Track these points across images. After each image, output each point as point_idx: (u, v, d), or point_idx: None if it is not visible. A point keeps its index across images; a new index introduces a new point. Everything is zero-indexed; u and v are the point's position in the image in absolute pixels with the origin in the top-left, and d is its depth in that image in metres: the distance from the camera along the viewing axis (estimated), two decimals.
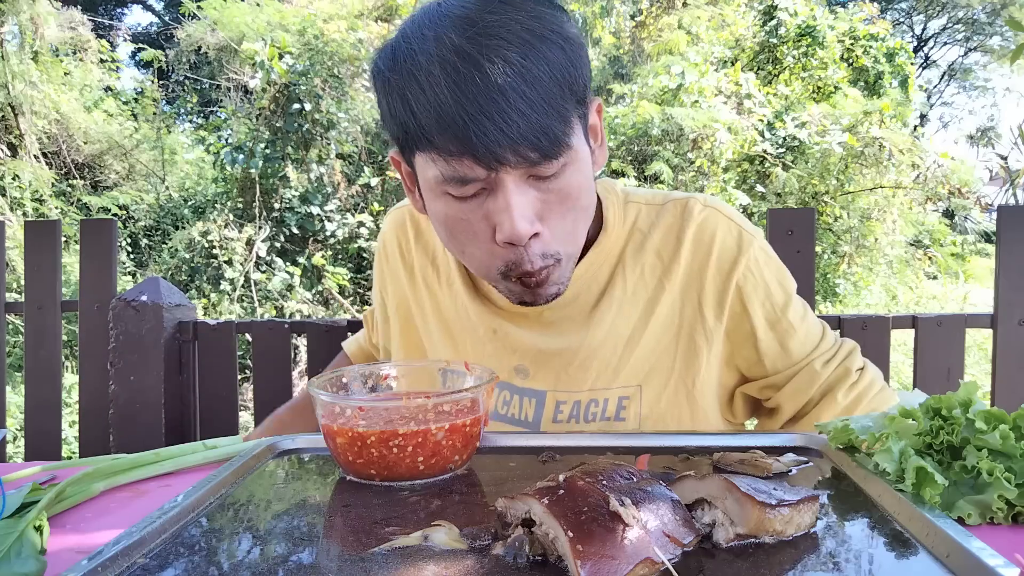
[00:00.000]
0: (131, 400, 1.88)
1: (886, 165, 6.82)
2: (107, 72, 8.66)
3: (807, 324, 1.02)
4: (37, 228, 2.04)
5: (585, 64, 0.81)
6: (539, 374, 1.01)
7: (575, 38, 0.80)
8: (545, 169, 0.78)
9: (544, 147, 0.75)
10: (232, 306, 5.93)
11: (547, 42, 0.76)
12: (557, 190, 0.80)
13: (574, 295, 0.99)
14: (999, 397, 1.75)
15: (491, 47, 0.73)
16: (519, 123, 0.73)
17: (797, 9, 7.76)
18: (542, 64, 0.74)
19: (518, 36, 0.74)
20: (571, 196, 0.82)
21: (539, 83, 0.74)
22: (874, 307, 7.36)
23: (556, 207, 0.81)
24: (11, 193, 6.54)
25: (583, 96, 0.81)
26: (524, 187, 0.79)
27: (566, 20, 0.80)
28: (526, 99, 0.73)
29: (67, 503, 0.78)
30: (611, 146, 6.80)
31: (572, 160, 0.80)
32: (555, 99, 0.75)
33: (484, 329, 1.04)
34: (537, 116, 0.74)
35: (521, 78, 0.73)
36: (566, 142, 0.77)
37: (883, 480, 0.70)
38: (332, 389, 0.90)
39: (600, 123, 0.91)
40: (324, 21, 6.47)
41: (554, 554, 0.57)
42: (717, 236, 0.98)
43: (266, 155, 6.18)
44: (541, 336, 1.01)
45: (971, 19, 18.40)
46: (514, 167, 0.76)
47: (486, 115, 0.73)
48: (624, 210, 1.02)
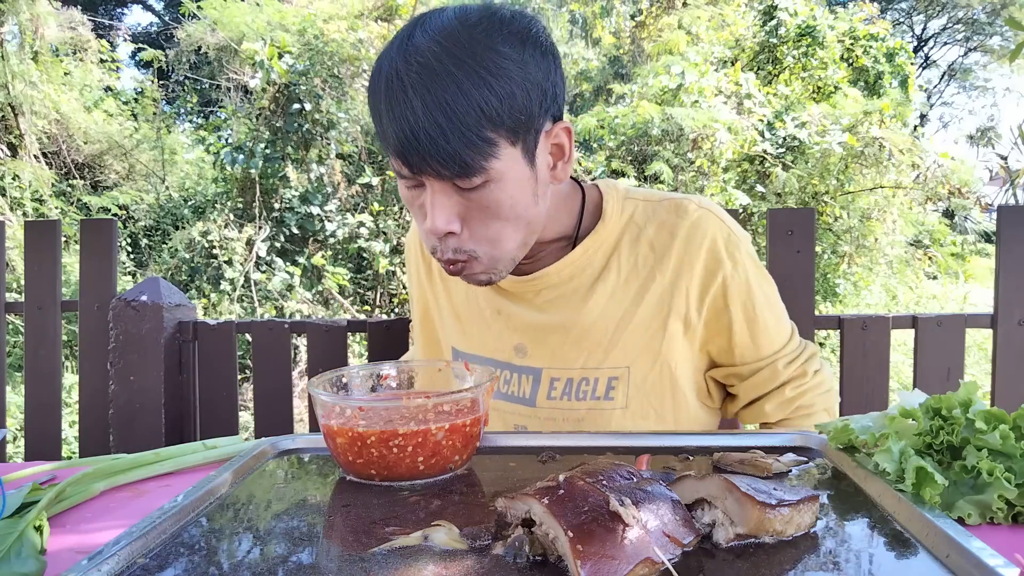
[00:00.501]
0: (131, 400, 1.88)
1: (886, 165, 6.82)
2: (107, 72, 8.65)
3: (779, 326, 1.13)
4: (37, 228, 2.04)
5: (525, 99, 0.89)
6: (536, 352, 1.11)
7: (517, 76, 0.88)
8: (461, 183, 0.89)
9: (452, 168, 0.87)
10: (232, 306, 5.93)
11: (477, 81, 0.85)
12: (478, 201, 0.91)
13: (570, 276, 1.09)
14: (999, 397, 1.75)
15: (421, 78, 0.85)
16: (429, 147, 0.85)
17: (797, 9, 7.75)
18: (461, 98, 0.85)
19: (447, 70, 0.85)
20: (491, 208, 0.92)
21: (454, 115, 0.85)
22: (874, 307, 7.36)
23: (477, 214, 0.92)
24: (11, 193, 6.54)
25: (517, 126, 0.90)
26: (448, 192, 0.90)
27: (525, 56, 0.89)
28: (439, 128, 0.84)
29: (67, 503, 0.78)
30: (611, 146, 6.79)
31: (495, 179, 0.90)
32: (469, 130, 0.85)
33: (490, 310, 1.15)
34: (446, 144, 0.85)
35: (439, 108, 0.84)
36: (479, 166, 0.87)
37: (883, 480, 0.70)
38: (332, 389, 0.90)
39: (568, 142, 1.00)
40: (324, 21, 6.47)
41: (554, 554, 0.57)
42: (708, 235, 1.06)
43: (266, 155, 6.17)
44: (539, 314, 1.11)
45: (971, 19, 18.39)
46: (432, 178, 0.89)
47: (406, 135, 0.86)
48: (623, 205, 1.11)
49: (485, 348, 1.16)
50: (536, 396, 1.11)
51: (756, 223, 6.61)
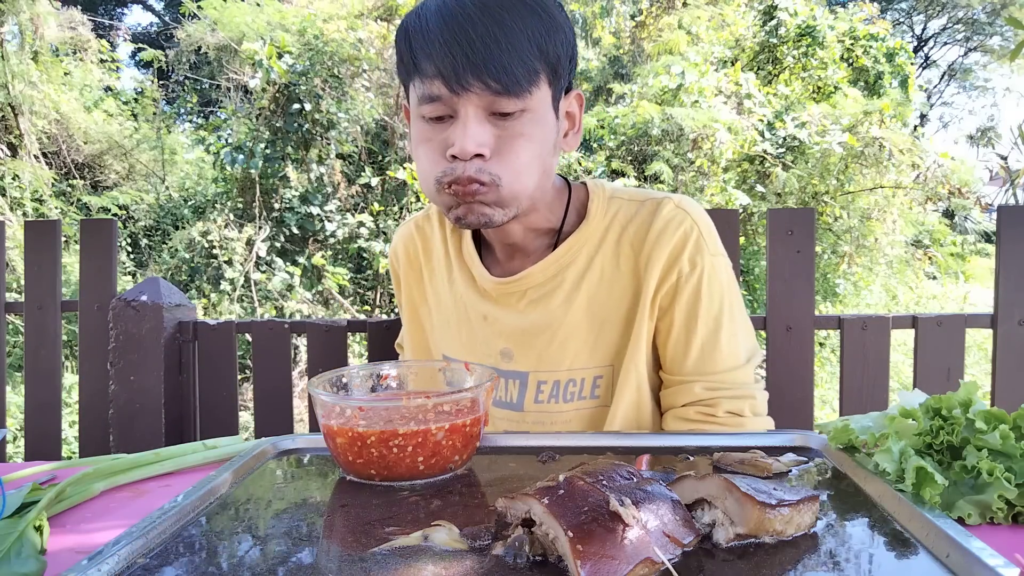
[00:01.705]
0: (131, 400, 1.88)
1: (886, 165, 6.81)
2: (107, 72, 8.65)
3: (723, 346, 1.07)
4: (37, 228, 2.04)
5: (563, 44, 0.95)
6: (522, 356, 1.11)
7: (561, 22, 0.94)
8: (502, 105, 0.90)
9: (502, 81, 0.88)
10: (232, 306, 5.93)
11: (529, 9, 0.90)
12: (511, 130, 0.92)
13: (554, 274, 1.09)
14: (999, 397, 1.75)
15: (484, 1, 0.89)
16: (483, 54, 0.87)
17: (797, 9, 7.75)
18: (518, 20, 0.89)
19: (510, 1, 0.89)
20: (523, 139, 0.93)
21: (511, 32, 0.88)
22: (874, 307, 7.36)
23: (508, 143, 0.93)
24: (11, 193, 6.53)
25: (555, 67, 0.94)
26: (482, 119, 0.91)
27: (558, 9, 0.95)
28: (495, 39, 0.87)
29: (67, 503, 0.78)
30: (611, 146, 6.79)
31: (531, 110, 0.93)
32: (522, 50, 0.89)
33: (476, 316, 1.15)
34: (500, 54, 0.87)
35: (496, 23, 0.88)
36: (524, 87, 0.90)
37: (883, 480, 0.70)
38: (332, 389, 0.90)
39: (579, 113, 1.04)
40: (324, 21, 6.46)
41: (554, 554, 0.57)
42: (677, 234, 1.06)
43: (266, 155, 6.17)
44: (524, 317, 1.11)
45: (971, 19, 18.39)
46: (476, 93, 0.89)
47: (458, 43, 0.87)
48: (607, 204, 1.11)
49: (473, 354, 1.15)
50: (524, 400, 1.11)
51: (756, 223, 6.61)
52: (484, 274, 1.13)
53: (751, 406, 1.08)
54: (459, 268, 1.18)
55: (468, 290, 1.16)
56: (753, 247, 6.77)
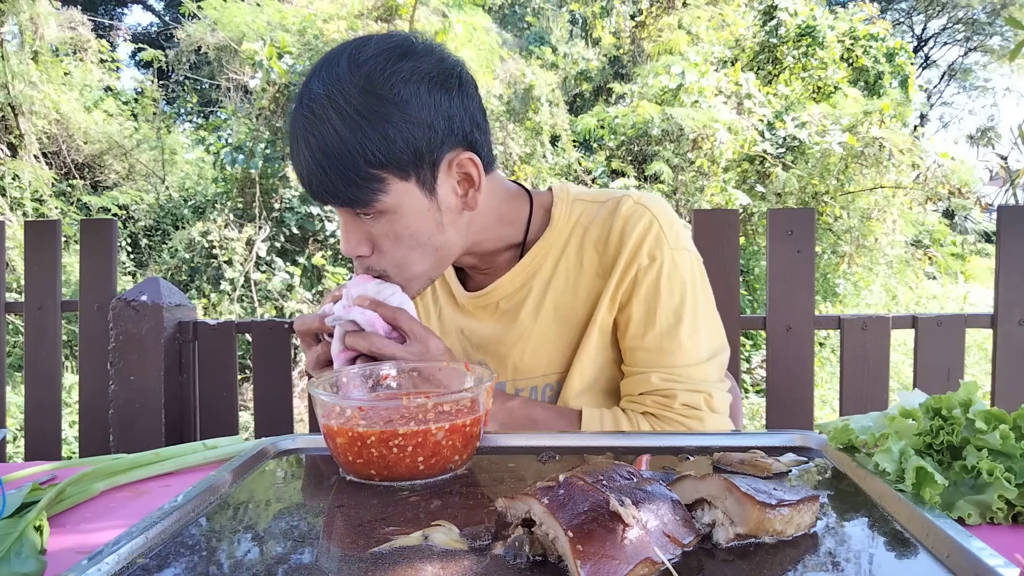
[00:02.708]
0: (131, 400, 1.88)
1: (886, 165, 6.82)
2: (107, 72, 8.65)
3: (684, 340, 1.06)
4: (37, 228, 2.04)
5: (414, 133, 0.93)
6: (499, 367, 1.14)
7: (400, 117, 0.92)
8: (358, 212, 0.96)
9: (333, 201, 0.95)
10: (232, 306, 5.93)
11: (353, 124, 0.91)
12: (380, 229, 0.98)
13: (522, 283, 1.12)
14: (999, 397, 1.75)
15: (309, 124, 0.93)
16: (317, 186, 0.95)
17: (797, 9, 7.75)
18: (339, 142, 0.91)
19: (328, 117, 0.91)
20: (392, 237, 0.98)
21: (335, 157, 0.92)
22: (874, 307, 7.36)
23: (383, 240, 0.99)
24: (11, 193, 6.53)
25: (406, 161, 0.94)
26: (355, 220, 0.98)
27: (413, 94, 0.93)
28: (321, 169, 0.93)
29: (67, 503, 0.78)
30: (611, 146, 6.79)
31: (390, 211, 0.96)
32: (349, 169, 0.92)
33: (454, 330, 1.19)
34: (329, 182, 0.93)
35: (321, 152, 0.92)
36: (366, 200, 0.94)
37: (883, 480, 0.70)
38: (332, 389, 0.90)
39: (475, 172, 1.00)
40: (324, 21, 6.46)
41: (554, 554, 0.57)
42: (636, 230, 1.07)
43: (266, 155, 6.17)
44: (498, 327, 1.13)
45: (971, 19, 18.39)
46: (335, 206, 0.97)
47: (300, 175, 0.96)
48: (571, 208, 1.13)
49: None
50: None
51: (756, 223, 6.61)
52: (459, 289, 1.17)
53: (707, 401, 1.06)
54: (440, 284, 1.22)
55: (447, 305, 1.20)
56: (753, 247, 6.78)
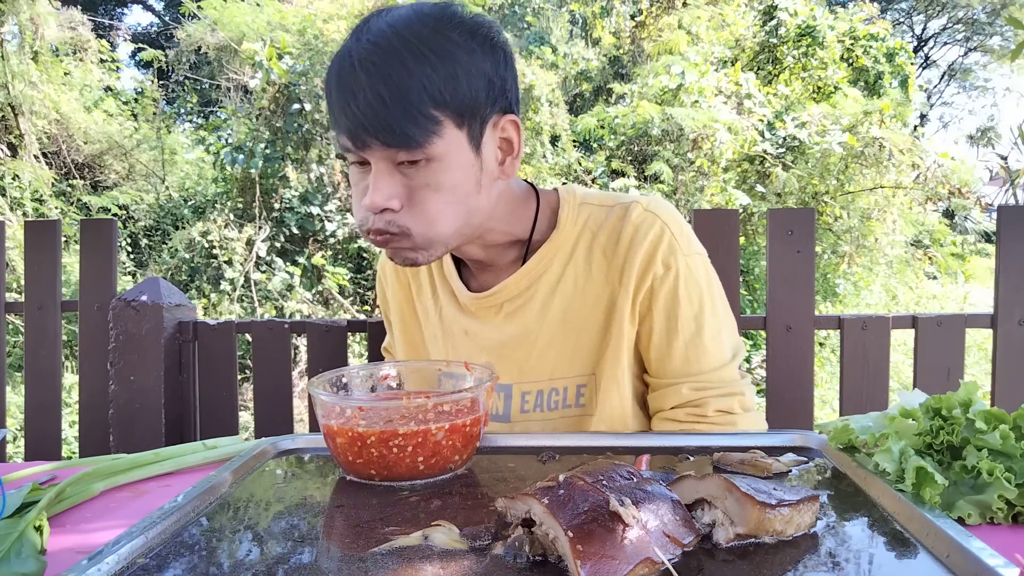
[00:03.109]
0: (131, 400, 1.88)
1: (886, 165, 6.81)
2: (107, 72, 8.65)
3: (707, 345, 1.07)
4: (37, 228, 2.04)
5: (473, 81, 0.93)
6: (503, 368, 1.11)
7: (464, 61, 0.92)
8: (402, 157, 0.91)
9: (394, 140, 0.89)
10: (232, 306, 5.93)
11: (422, 60, 0.89)
12: (419, 180, 0.93)
13: (528, 286, 1.10)
14: (999, 397, 1.75)
15: (370, 55, 0.89)
16: (370, 116, 0.89)
17: (797, 9, 7.75)
18: (405, 74, 0.88)
19: (394, 48, 0.89)
20: (431, 187, 0.94)
21: (397, 89, 0.88)
22: (874, 307, 7.36)
23: (417, 194, 0.94)
24: (11, 193, 6.53)
25: (463, 108, 0.93)
26: (391, 171, 0.93)
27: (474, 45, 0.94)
28: (380, 99, 0.88)
29: (67, 503, 0.78)
30: (611, 146, 6.79)
31: (437, 158, 0.92)
32: (412, 104, 0.89)
33: (458, 331, 1.16)
34: (387, 114, 0.88)
35: (381, 81, 0.88)
36: (418, 140, 0.90)
37: (883, 480, 0.70)
38: (332, 389, 0.90)
39: (516, 137, 1.01)
40: (324, 21, 6.46)
41: (554, 554, 0.57)
42: (648, 238, 1.05)
43: (266, 155, 6.17)
44: (502, 330, 1.11)
45: (971, 19, 18.39)
46: (376, 149, 0.91)
47: (349, 105, 0.90)
48: (578, 211, 1.11)
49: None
50: (510, 411, 1.12)
51: (756, 223, 6.61)
52: (462, 290, 1.15)
53: (740, 402, 1.07)
54: (441, 284, 1.20)
55: (450, 305, 1.18)
56: (753, 247, 6.77)
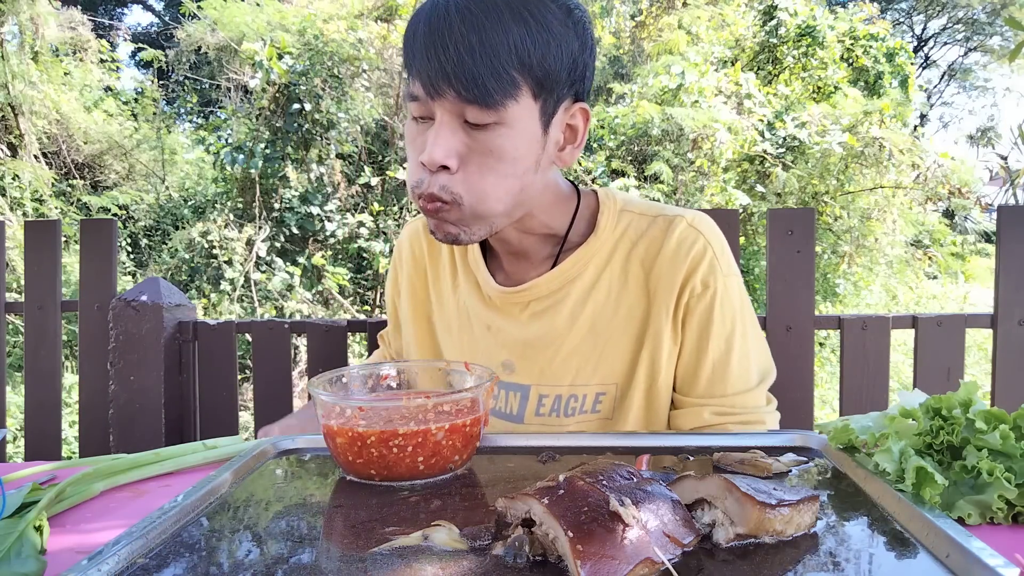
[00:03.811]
0: (131, 400, 1.88)
1: (886, 165, 6.81)
2: (107, 72, 8.65)
3: (735, 367, 1.06)
4: (37, 228, 2.04)
5: (560, 57, 0.91)
6: (524, 369, 1.09)
7: (560, 33, 0.90)
8: (473, 114, 0.89)
9: (472, 91, 0.87)
10: (232, 306, 5.93)
11: (519, 20, 0.87)
12: (483, 143, 0.90)
13: (559, 287, 1.07)
14: (999, 397, 1.75)
15: (466, 2, 0.87)
16: (456, 62, 0.86)
17: (797, 9, 7.75)
18: (500, 29, 0.86)
19: (495, 6, 0.87)
20: (494, 154, 0.91)
21: (489, 42, 0.86)
22: (874, 307, 7.36)
23: (477, 158, 0.91)
24: (11, 193, 6.53)
25: (544, 80, 0.91)
26: (455, 127, 0.90)
27: (568, 23, 0.92)
28: (469, 48, 0.86)
29: (67, 503, 0.78)
30: (611, 146, 6.79)
31: (507, 124, 0.90)
32: (499, 61, 0.86)
33: (479, 325, 1.12)
34: (473, 64, 0.86)
35: (475, 31, 0.86)
36: (497, 99, 0.87)
37: (883, 480, 0.70)
38: (332, 389, 0.90)
39: (583, 126, 1.00)
40: (324, 21, 6.46)
41: (554, 554, 0.57)
42: (690, 256, 1.04)
43: (266, 155, 6.17)
44: (528, 328, 1.08)
45: (971, 19, 18.39)
46: (448, 100, 0.88)
47: (435, 48, 0.87)
48: (618, 217, 1.09)
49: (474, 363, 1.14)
50: (524, 413, 1.09)
51: (756, 223, 6.61)
52: (489, 281, 1.11)
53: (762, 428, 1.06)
54: (464, 273, 1.15)
55: (472, 297, 1.13)
56: (753, 247, 6.77)
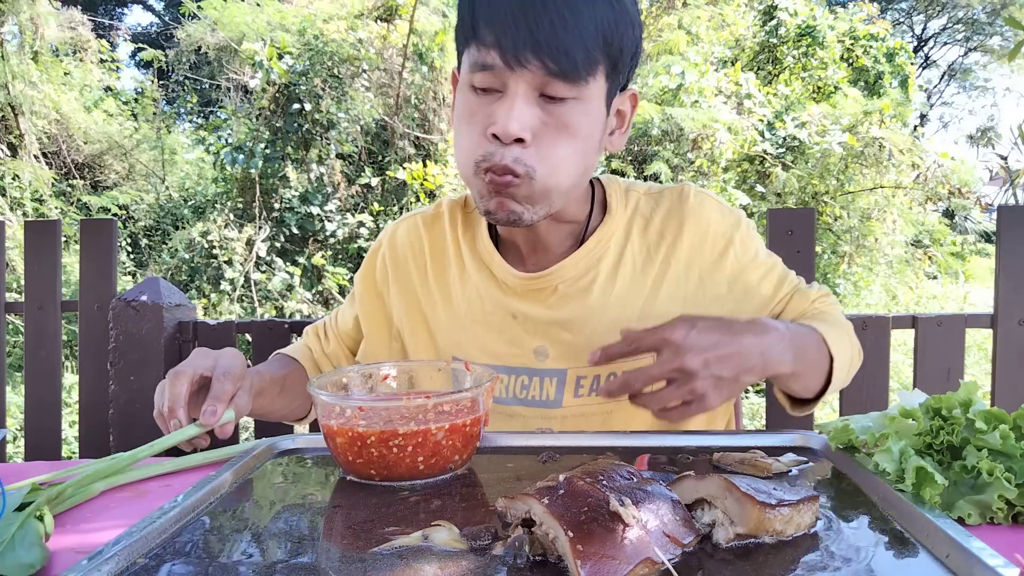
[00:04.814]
0: (131, 400, 1.88)
1: (886, 165, 6.82)
2: (107, 72, 8.65)
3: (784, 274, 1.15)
4: (37, 228, 2.04)
5: (629, 39, 0.92)
6: (557, 353, 1.07)
7: (632, 16, 0.92)
8: (555, 88, 0.87)
9: (561, 63, 0.85)
10: (232, 306, 5.93)
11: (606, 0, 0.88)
12: (559, 117, 0.89)
13: (586, 270, 1.07)
14: (999, 397, 1.75)
15: None
16: (547, 32, 0.84)
17: (797, 9, 7.75)
18: (589, 5, 0.86)
19: None
20: (570, 130, 0.90)
21: (580, 16, 0.85)
22: (874, 307, 7.36)
23: (552, 132, 0.90)
24: (11, 193, 6.53)
25: (617, 60, 0.91)
26: (531, 101, 0.88)
27: (636, 10, 0.94)
28: (562, 19, 0.84)
29: (67, 503, 0.78)
30: None
31: (583, 100, 0.90)
32: (587, 36, 0.86)
33: (502, 315, 1.10)
34: (565, 36, 0.84)
35: (566, 4, 0.84)
36: (581, 74, 0.87)
37: (883, 480, 0.70)
38: (332, 389, 0.90)
39: (630, 113, 1.02)
40: (324, 21, 6.46)
41: (554, 554, 0.57)
42: (713, 218, 1.09)
43: (266, 155, 6.17)
44: (557, 313, 1.07)
45: (971, 19, 18.39)
46: (530, 71, 0.86)
47: (524, 15, 0.84)
48: (626, 197, 1.12)
49: (497, 356, 1.10)
50: (563, 397, 1.07)
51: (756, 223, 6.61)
52: (508, 270, 1.08)
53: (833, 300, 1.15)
54: (475, 266, 1.12)
55: (488, 288, 1.10)
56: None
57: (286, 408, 1.17)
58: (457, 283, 1.14)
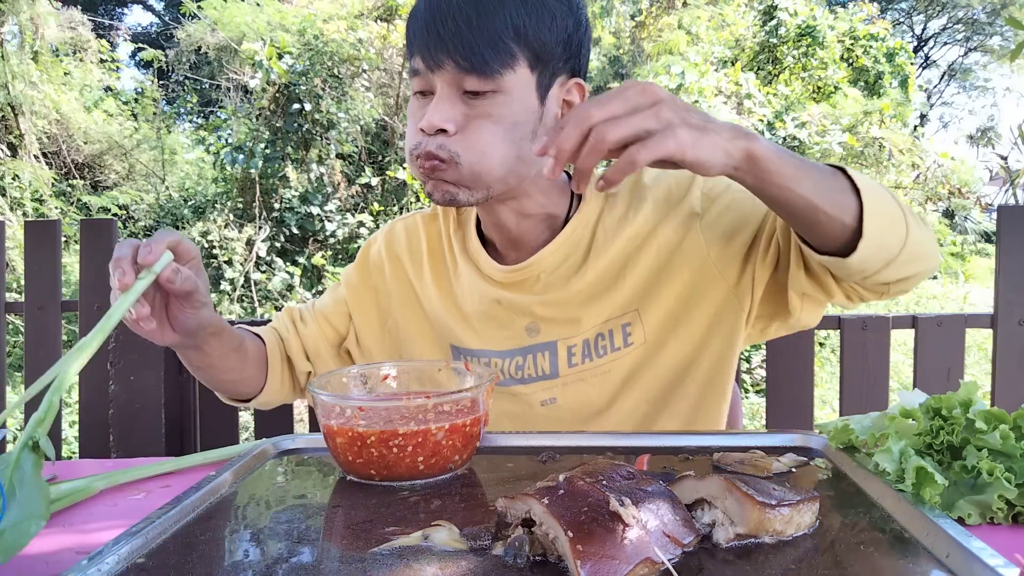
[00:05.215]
0: (131, 400, 1.88)
1: (886, 165, 6.82)
2: (107, 72, 8.65)
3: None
4: (37, 228, 2.04)
5: (555, 30, 0.97)
6: (547, 327, 1.11)
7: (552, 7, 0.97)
8: (471, 83, 0.94)
9: (469, 60, 0.93)
10: (232, 306, 5.93)
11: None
12: (480, 110, 0.96)
13: (565, 256, 1.11)
14: (999, 397, 1.75)
15: None
16: (453, 33, 0.92)
17: (797, 9, 7.76)
18: (496, 6, 0.93)
19: None
20: (492, 119, 0.96)
21: (486, 14, 0.93)
22: (874, 307, 7.35)
23: (475, 123, 0.96)
24: (11, 193, 6.53)
25: (540, 51, 0.97)
26: (454, 98, 0.96)
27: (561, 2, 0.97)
28: (467, 19, 0.92)
29: (67, 503, 0.78)
30: None
31: (504, 92, 0.96)
32: (495, 32, 0.93)
33: (488, 303, 1.14)
34: (470, 34, 0.92)
35: (472, 5, 0.92)
36: (493, 68, 0.93)
37: (883, 480, 0.70)
38: (332, 389, 0.90)
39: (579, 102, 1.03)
40: (324, 21, 6.47)
41: (554, 554, 0.57)
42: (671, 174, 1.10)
43: (266, 155, 6.18)
44: (540, 297, 1.11)
45: (971, 19, 18.40)
46: (446, 70, 0.94)
47: (435, 21, 0.94)
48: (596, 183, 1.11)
49: (491, 342, 1.14)
50: (558, 367, 1.11)
51: None
52: (493, 265, 1.13)
53: None
54: (464, 261, 1.17)
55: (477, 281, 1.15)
56: None
57: (237, 370, 1.13)
58: (452, 277, 1.19)
